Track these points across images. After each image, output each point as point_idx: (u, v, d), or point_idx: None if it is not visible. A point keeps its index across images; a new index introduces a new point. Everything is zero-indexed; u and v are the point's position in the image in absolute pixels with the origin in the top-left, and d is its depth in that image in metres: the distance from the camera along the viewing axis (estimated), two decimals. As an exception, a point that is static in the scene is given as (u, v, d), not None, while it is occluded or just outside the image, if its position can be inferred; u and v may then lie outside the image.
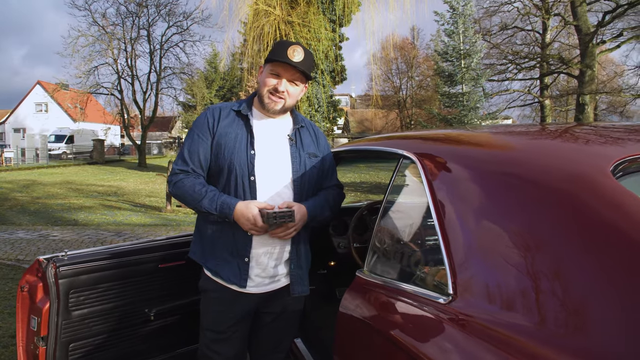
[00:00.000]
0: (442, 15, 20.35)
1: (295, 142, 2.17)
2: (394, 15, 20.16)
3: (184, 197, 2.07)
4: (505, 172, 1.38)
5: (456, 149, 1.64)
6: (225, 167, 2.05)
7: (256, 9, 18.68)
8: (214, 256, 2.09)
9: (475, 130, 1.95)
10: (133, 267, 2.33)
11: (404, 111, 42.78)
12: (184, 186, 2.06)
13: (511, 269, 1.19)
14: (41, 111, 47.97)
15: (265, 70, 2.14)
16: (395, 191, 1.87)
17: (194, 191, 2.03)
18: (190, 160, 2.08)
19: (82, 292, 2.16)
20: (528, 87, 29.31)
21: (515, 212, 1.27)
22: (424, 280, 1.50)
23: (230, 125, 2.11)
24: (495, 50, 28.49)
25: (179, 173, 2.10)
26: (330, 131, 21.82)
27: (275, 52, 2.08)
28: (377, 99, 23.83)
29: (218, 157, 2.06)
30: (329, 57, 19.26)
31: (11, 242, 8.23)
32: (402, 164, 1.81)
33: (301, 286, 2.17)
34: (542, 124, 2.16)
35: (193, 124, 2.18)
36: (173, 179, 2.11)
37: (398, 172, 1.84)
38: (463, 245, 1.32)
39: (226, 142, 2.06)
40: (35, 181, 19.53)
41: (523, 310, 1.12)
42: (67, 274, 2.09)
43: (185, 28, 31.96)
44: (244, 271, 2.05)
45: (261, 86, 2.13)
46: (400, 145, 1.86)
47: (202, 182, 2.07)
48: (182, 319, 2.52)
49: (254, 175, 2.05)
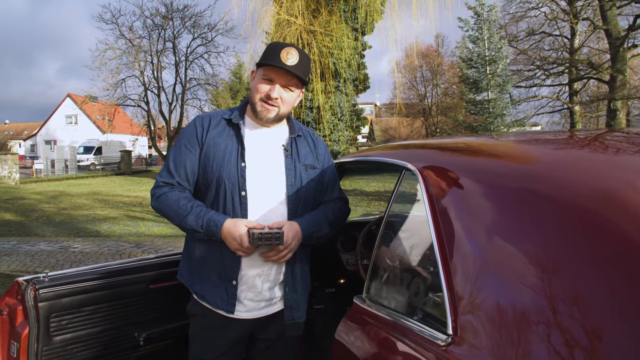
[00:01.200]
0: (467, 21, 20.01)
1: (290, 152, 1.99)
2: (418, 22, 19.92)
3: (167, 213, 1.90)
4: (519, 187, 1.18)
5: (463, 160, 1.44)
6: (213, 181, 1.88)
7: (278, 19, 18.67)
8: (202, 278, 1.92)
9: (488, 139, 1.75)
10: (121, 288, 2.18)
11: (429, 119, 42.30)
12: (168, 200, 1.89)
13: (524, 303, 0.99)
14: (71, 123, 49.02)
15: (257, 75, 1.96)
16: (396, 208, 1.68)
17: (179, 206, 1.86)
18: (175, 173, 1.92)
19: (65, 315, 2.02)
20: (557, 93, 28.64)
21: (530, 236, 1.06)
22: (423, 315, 1.30)
23: (219, 135, 1.94)
24: (522, 56, 27.97)
25: (163, 186, 1.93)
26: (353, 140, 21.61)
27: (267, 55, 1.90)
28: (400, 107, 23.55)
29: (206, 170, 1.90)
30: (351, 66, 19.08)
31: (32, 254, 8.25)
32: (405, 176, 1.62)
33: (296, 312, 1.98)
34: (565, 130, 1.93)
35: (181, 133, 2.03)
36: (156, 192, 1.95)
37: (400, 186, 1.65)
38: (466, 275, 1.12)
39: (215, 153, 1.90)
40: (63, 192, 19.82)
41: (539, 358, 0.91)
42: (47, 296, 1.96)
43: (210, 39, 32.35)
44: (232, 295, 1.88)
45: (253, 93, 1.96)
46: (403, 156, 1.67)
47: (187, 197, 1.91)
48: (174, 343, 2.35)
49: (244, 189, 1.88)
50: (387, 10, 19.86)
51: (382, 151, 1.97)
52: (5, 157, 23.15)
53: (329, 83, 18.54)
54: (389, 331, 1.34)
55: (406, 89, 42.94)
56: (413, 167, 1.49)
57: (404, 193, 1.64)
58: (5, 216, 13.21)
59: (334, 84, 18.78)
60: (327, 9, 18.57)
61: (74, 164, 32.63)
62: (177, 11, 31.86)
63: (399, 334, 1.29)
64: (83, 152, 38.10)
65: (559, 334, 0.90)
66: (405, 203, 1.67)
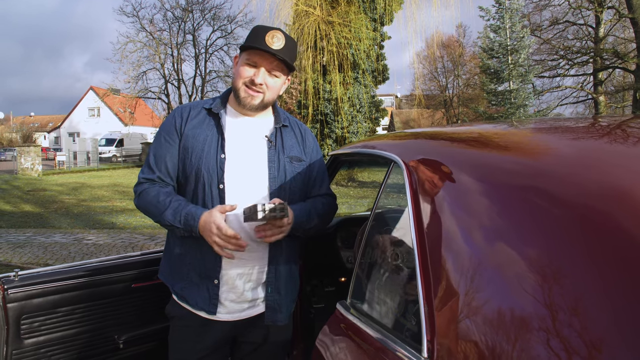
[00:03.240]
0: (488, 10, 19.58)
1: (274, 144, 1.86)
2: (438, 12, 19.48)
3: (147, 209, 1.79)
4: (518, 185, 1.00)
5: (455, 151, 1.27)
6: (192, 174, 1.78)
7: (296, 10, 18.48)
8: (182, 278, 1.81)
9: (494, 128, 1.56)
10: (100, 288, 2.06)
11: (450, 110, 41.70)
12: (148, 196, 1.78)
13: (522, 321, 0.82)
14: (93, 116, 49.56)
15: (240, 59, 1.83)
16: (383, 206, 1.52)
17: (158, 201, 1.75)
18: (156, 167, 1.81)
19: (37, 317, 1.91)
20: (581, 83, 27.96)
21: (530, 241, 0.89)
22: (402, 331, 1.14)
23: (199, 125, 1.82)
24: (545, 46, 27.37)
25: (143, 182, 1.83)
26: (372, 132, 21.35)
27: (251, 38, 1.77)
28: (420, 98, 23.19)
29: (185, 163, 1.79)
30: (370, 57, 18.81)
31: (45, 245, 8.27)
32: (394, 170, 1.45)
33: (278, 314, 1.84)
34: (582, 117, 1.73)
35: (161, 125, 1.91)
36: (137, 189, 1.84)
37: (388, 181, 1.49)
38: (449, 286, 0.96)
39: (194, 145, 1.79)
40: (84, 184, 20.00)
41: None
42: (17, 297, 1.85)
43: (229, 32, 32.39)
44: (213, 295, 1.76)
45: (235, 78, 1.83)
46: (392, 148, 1.50)
47: (167, 192, 1.79)
48: (157, 347, 2.23)
49: (223, 182, 1.76)
50: (407, 0, 19.51)
51: (375, 142, 1.81)
52: (29, 149, 23.44)
53: (348, 74, 18.30)
54: (366, 347, 1.18)
55: (427, 80, 42.39)
56: (400, 160, 1.32)
57: (392, 189, 1.48)
58: (25, 207, 13.35)
59: (353, 75, 18.53)
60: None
61: (95, 155, 32.94)
62: (197, 4, 31.95)
63: (375, 351, 1.14)
64: (105, 144, 38.45)
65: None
66: (393, 200, 1.51)
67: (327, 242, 2.81)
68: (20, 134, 48.79)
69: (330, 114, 18.51)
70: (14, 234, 9.51)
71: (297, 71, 20.95)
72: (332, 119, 18.53)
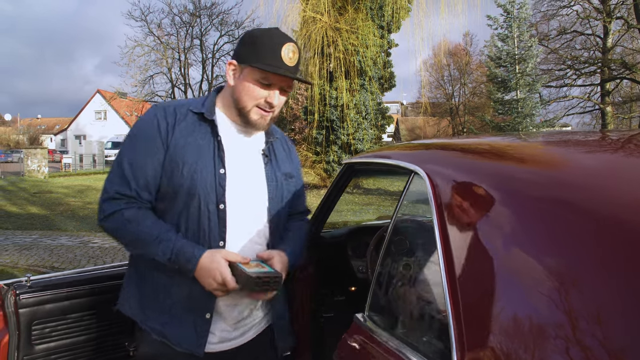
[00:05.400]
0: (496, 19, 19.58)
1: (270, 159, 1.69)
2: (445, 20, 19.50)
3: (123, 237, 1.51)
4: (548, 197, 0.98)
5: (480, 164, 1.25)
6: (182, 190, 1.50)
7: (304, 17, 18.53)
8: (160, 311, 1.54)
9: (512, 140, 1.55)
10: (111, 294, 2.04)
11: (456, 119, 41.68)
12: (126, 222, 1.47)
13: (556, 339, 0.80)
14: (100, 119, 49.74)
15: (247, 76, 1.56)
16: (404, 217, 1.50)
17: (140, 231, 1.46)
18: (133, 180, 1.49)
19: (48, 323, 1.89)
20: (588, 94, 27.89)
21: (563, 254, 0.87)
22: (429, 347, 1.11)
23: (190, 132, 1.55)
24: (552, 55, 27.35)
25: (117, 199, 1.49)
26: (378, 139, 21.34)
27: (264, 53, 1.53)
28: (426, 106, 23.17)
29: (173, 176, 1.50)
30: (377, 64, 18.82)
31: (51, 248, 8.28)
32: (414, 181, 1.43)
33: (288, 336, 1.77)
34: (602, 131, 1.71)
35: (136, 126, 1.59)
36: (107, 207, 1.49)
37: (408, 192, 1.46)
38: (480, 301, 0.94)
39: (184, 155, 1.51)
40: (90, 186, 20.05)
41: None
42: (29, 302, 1.83)
43: (236, 37, 32.40)
44: (202, 332, 1.53)
45: (243, 97, 1.57)
46: (412, 158, 1.49)
47: (150, 216, 1.51)
48: None
49: (224, 202, 1.53)
50: (414, 8, 19.55)
51: (392, 151, 1.79)
52: (35, 151, 23.56)
53: (354, 81, 18.30)
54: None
55: (433, 87, 42.45)
56: (422, 171, 1.30)
57: (413, 200, 1.45)
58: (31, 209, 13.39)
59: (359, 82, 18.53)
60: (354, 6, 18.35)
61: (101, 158, 33.06)
62: (205, 9, 32.10)
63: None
64: (111, 147, 38.52)
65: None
66: (414, 211, 1.49)
67: (337, 251, 2.79)
68: (27, 136, 49.02)
69: (336, 121, 18.52)
70: (20, 235, 9.54)
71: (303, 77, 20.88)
72: (338, 126, 18.54)
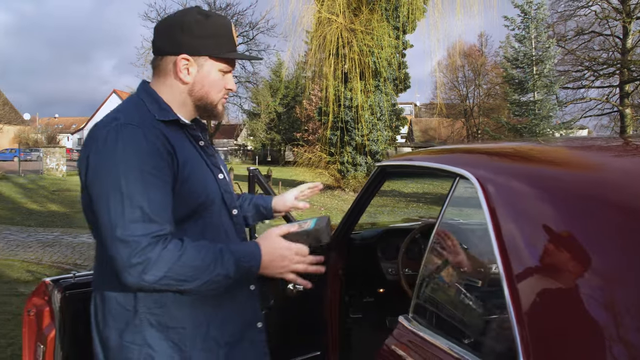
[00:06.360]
0: (513, 20, 19.44)
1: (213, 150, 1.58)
2: (461, 21, 19.45)
3: (178, 278, 1.21)
4: (603, 200, 1.02)
5: (532, 169, 1.28)
6: (201, 207, 1.38)
7: (319, 17, 18.57)
8: (213, 343, 1.37)
9: (556, 144, 1.58)
10: None
11: (471, 120, 41.48)
12: (178, 259, 1.21)
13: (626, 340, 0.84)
14: (116, 118, 50.13)
15: (212, 67, 1.43)
16: (449, 218, 1.53)
17: (198, 258, 1.24)
18: (159, 217, 1.24)
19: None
20: (606, 95, 27.58)
21: (627, 255, 0.91)
22: (484, 348, 1.15)
23: (181, 145, 1.37)
24: (570, 57, 27.09)
25: (154, 243, 1.20)
26: (392, 140, 21.31)
27: (226, 42, 1.44)
28: (441, 107, 23.09)
29: (189, 197, 1.35)
30: (392, 65, 18.79)
31: (73, 245, 8.42)
32: (459, 184, 1.47)
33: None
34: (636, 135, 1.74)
35: (125, 155, 1.25)
36: (145, 256, 1.18)
37: (453, 195, 1.50)
38: (542, 306, 0.98)
39: (193, 171, 1.37)
40: (106, 186, 20.23)
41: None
42: (75, 298, 1.89)
43: (251, 38, 32.61)
44: (260, 342, 1.51)
45: (209, 91, 1.44)
46: (455, 161, 1.52)
47: (197, 243, 1.28)
48: None
49: (235, 207, 1.50)
50: (430, 9, 19.49)
51: (430, 155, 1.82)
52: (54, 150, 23.87)
53: (369, 82, 18.31)
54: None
55: (447, 89, 42.29)
56: (470, 175, 1.34)
57: (458, 202, 1.49)
58: (52, 207, 13.60)
59: (374, 83, 18.53)
60: (369, 7, 18.35)
61: (117, 158, 33.28)
62: (220, 10, 32.21)
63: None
64: (126, 147, 38.87)
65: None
66: (460, 213, 1.52)
67: (367, 253, 2.83)
68: (45, 135, 49.64)
69: (351, 122, 18.53)
70: (43, 232, 9.70)
71: (318, 78, 20.98)
72: (353, 127, 18.55)
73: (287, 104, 40.67)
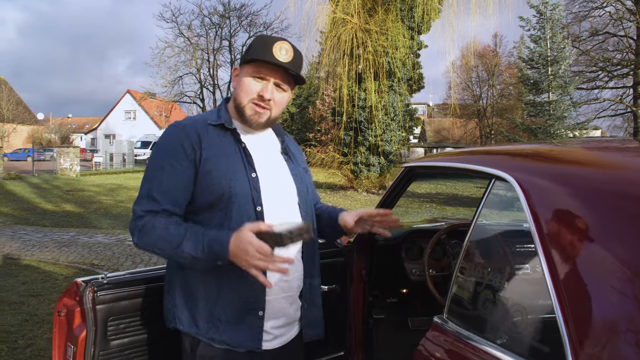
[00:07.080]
0: (528, 20, 19.29)
1: (289, 156, 1.80)
2: (476, 22, 19.30)
3: (155, 244, 1.54)
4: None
5: (570, 170, 1.27)
6: (221, 199, 1.57)
7: (334, 18, 18.56)
8: (212, 321, 1.59)
9: (589, 145, 1.56)
10: None
11: (484, 120, 41.24)
12: (154, 230, 1.52)
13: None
14: (130, 119, 50.67)
15: (243, 73, 1.67)
16: (486, 221, 1.51)
17: (168, 233, 1.51)
18: (161, 198, 1.56)
19: (123, 319, 1.95)
20: (620, 96, 27.36)
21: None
22: (526, 348, 1.14)
23: (216, 145, 1.62)
24: (584, 57, 26.89)
25: (143, 216, 1.56)
26: (406, 140, 21.23)
27: (257, 49, 1.62)
28: (455, 107, 22.96)
29: (209, 188, 1.58)
30: (406, 65, 18.73)
31: (89, 245, 8.47)
32: (495, 186, 1.45)
33: (318, 328, 1.80)
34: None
35: (157, 148, 1.66)
36: (137, 224, 1.56)
37: (489, 196, 1.48)
38: (590, 308, 0.97)
39: (217, 166, 1.59)
40: (121, 185, 20.42)
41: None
42: (106, 299, 1.89)
43: (264, 38, 32.63)
44: (257, 330, 1.60)
45: (239, 94, 1.66)
46: (491, 163, 1.51)
47: (176, 221, 1.56)
48: None
49: (260, 204, 1.61)
50: (445, 9, 19.39)
51: (462, 156, 1.81)
52: (68, 150, 24.07)
53: (383, 82, 18.26)
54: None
55: (460, 89, 42.09)
56: (509, 177, 1.32)
57: (494, 203, 1.47)
58: (66, 207, 13.71)
59: (388, 84, 18.48)
60: (384, 7, 18.31)
61: (131, 158, 33.60)
62: (235, 10, 32.46)
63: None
64: (140, 147, 39.17)
65: None
66: (496, 214, 1.51)
67: (391, 254, 2.81)
68: (59, 134, 50.13)
69: (364, 122, 18.50)
70: (58, 233, 9.77)
71: (331, 78, 21.00)
72: (366, 127, 18.52)
73: (300, 104, 40.74)
